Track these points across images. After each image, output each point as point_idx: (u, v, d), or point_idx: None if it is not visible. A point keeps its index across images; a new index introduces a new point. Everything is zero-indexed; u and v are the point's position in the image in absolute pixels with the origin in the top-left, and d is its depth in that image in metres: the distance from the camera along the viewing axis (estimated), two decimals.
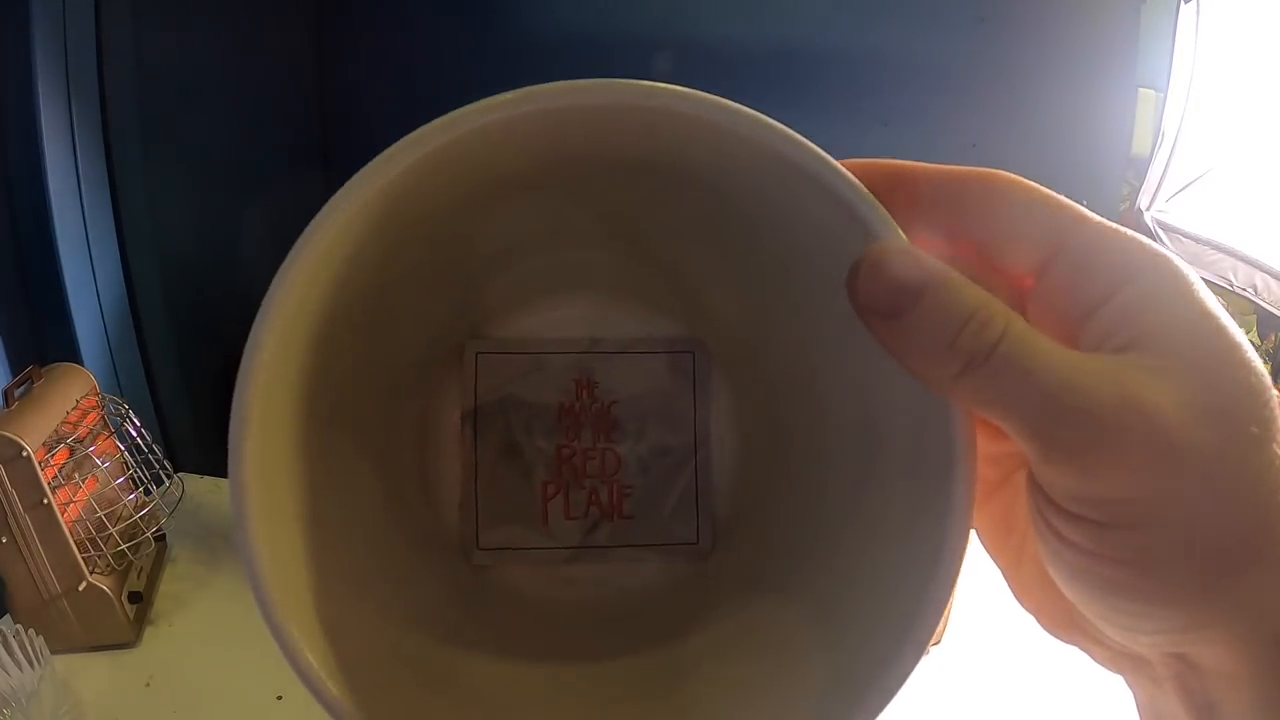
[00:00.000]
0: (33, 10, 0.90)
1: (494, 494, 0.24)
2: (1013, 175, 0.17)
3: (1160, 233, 1.32)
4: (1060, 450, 0.14)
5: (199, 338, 1.30)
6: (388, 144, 0.21)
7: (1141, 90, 1.52)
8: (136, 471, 0.71)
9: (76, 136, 0.98)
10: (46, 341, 0.97)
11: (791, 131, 0.18)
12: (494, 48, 1.65)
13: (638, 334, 0.24)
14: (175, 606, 0.70)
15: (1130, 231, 0.16)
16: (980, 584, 0.74)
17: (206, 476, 0.88)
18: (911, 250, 0.15)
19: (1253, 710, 0.14)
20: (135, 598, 0.67)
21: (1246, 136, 1.28)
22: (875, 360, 0.16)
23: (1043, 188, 0.17)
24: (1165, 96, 1.30)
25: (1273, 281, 1.21)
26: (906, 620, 0.16)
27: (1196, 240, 1.29)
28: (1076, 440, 0.13)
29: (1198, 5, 1.22)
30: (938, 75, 1.53)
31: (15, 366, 0.87)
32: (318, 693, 0.16)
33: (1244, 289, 1.24)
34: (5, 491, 0.58)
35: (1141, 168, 1.40)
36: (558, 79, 0.19)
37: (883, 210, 0.17)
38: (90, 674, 0.62)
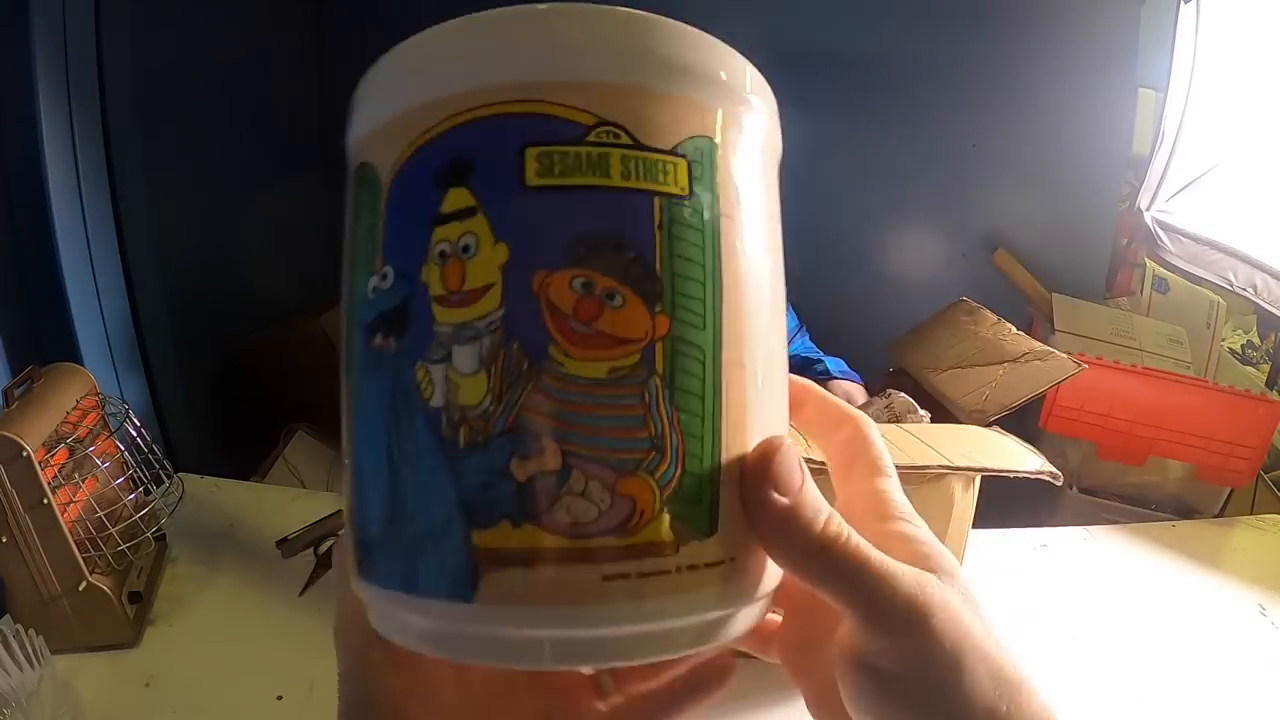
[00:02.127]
0: (33, 10, 0.90)
1: None
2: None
3: (1160, 233, 1.32)
4: (878, 618, 0.19)
5: (199, 338, 1.30)
6: None
7: (1141, 90, 1.52)
8: (136, 471, 0.71)
9: (76, 136, 0.98)
10: (46, 341, 0.97)
11: None
12: None
13: None
14: (175, 606, 0.70)
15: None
16: (982, 587, 0.74)
17: (206, 476, 0.88)
18: (800, 452, 0.20)
19: None
20: (135, 598, 0.67)
21: (1246, 136, 1.28)
22: None
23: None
24: (1165, 96, 1.30)
25: (1273, 281, 1.21)
26: None
27: (1196, 240, 1.29)
28: (892, 613, 0.19)
29: (1198, 5, 1.22)
30: (938, 75, 1.53)
31: (15, 366, 0.87)
32: None
33: (1244, 289, 1.24)
34: (5, 491, 0.58)
35: (1141, 168, 1.40)
36: None
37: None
38: (90, 674, 0.62)
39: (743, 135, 0.19)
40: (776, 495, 0.18)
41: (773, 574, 0.20)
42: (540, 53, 0.18)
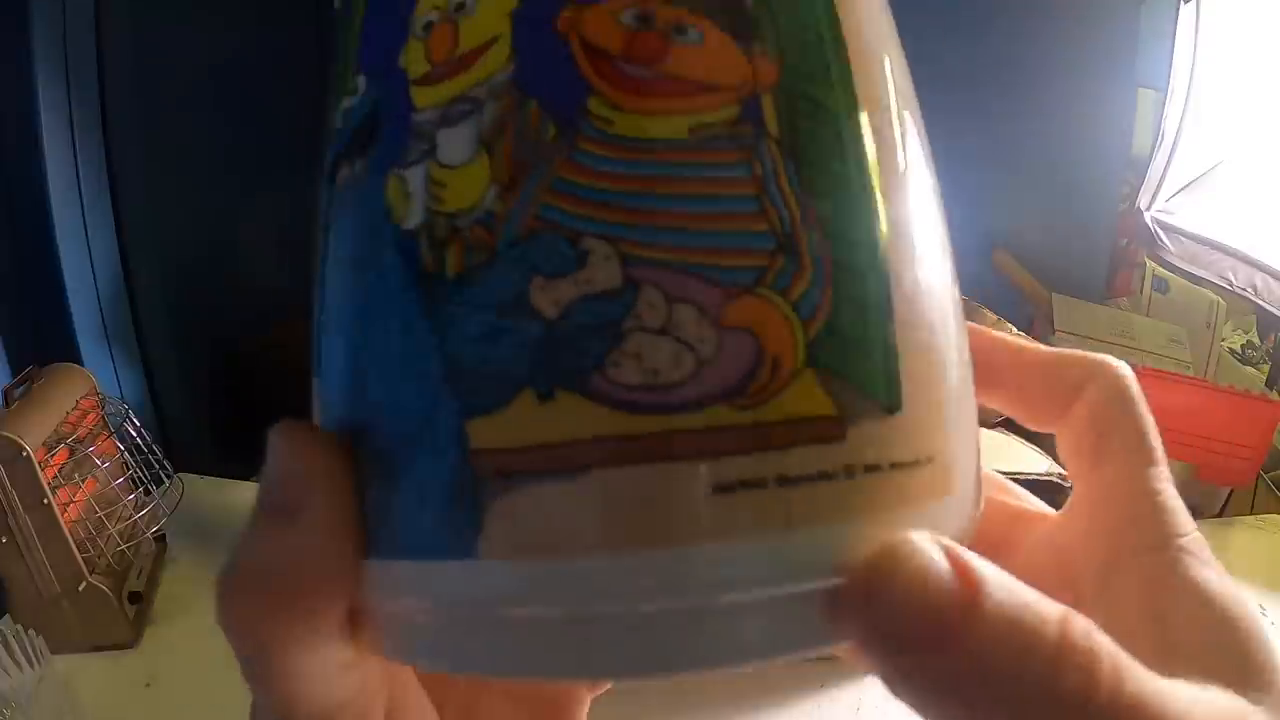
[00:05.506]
0: (33, 10, 0.90)
1: None
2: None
3: (1160, 233, 1.32)
4: None
5: (199, 338, 1.30)
6: None
7: (1141, 90, 1.51)
8: (136, 471, 0.71)
9: (76, 136, 0.98)
10: (46, 341, 0.97)
11: None
12: None
13: None
14: (175, 607, 0.70)
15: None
16: None
17: (206, 476, 0.88)
18: (946, 543, 0.10)
19: None
20: (135, 598, 0.67)
21: (1246, 136, 1.28)
22: None
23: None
24: (1165, 96, 1.30)
25: (1273, 281, 1.21)
26: None
27: (1196, 240, 1.29)
28: None
29: (1197, 5, 1.22)
30: (937, 75, 1.52)
31: (15, 366, 0.87)
32: None
33: (1244, 289, 1.24)
34: (5, 491, 0.58)
35: (1141, 168, 1.40)
36: None
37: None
38: (90, 674, 0.62)
39: None
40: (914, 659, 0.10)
41: (977, 494, 0.13)
42: None
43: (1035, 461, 0.59)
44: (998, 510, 0.16)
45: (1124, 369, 0.15)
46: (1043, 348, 0.16)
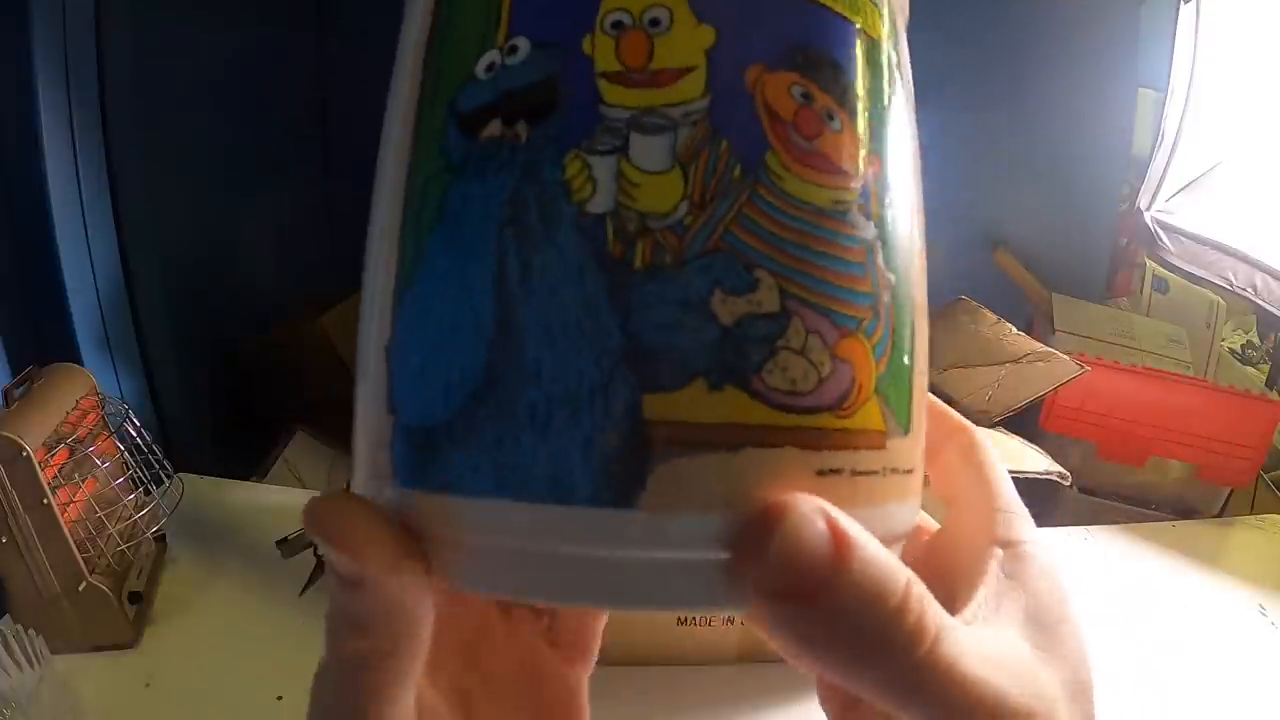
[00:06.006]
0: (33, 10, 0.90)
1: None
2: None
3: (1160, 233, 1.32)
4: None
5: (199, 338, 1.30)
6: None
7: (1141, 90, 1.52)
8: (136, 471, 0.71)
9: (76, 136, 0.98)
10: (46, 341, 0.97)
11: None
12: None
13: None
14: (175, 607, 0.70)
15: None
16: None
17: (206, 476, 0.88)
18: (827, 509, 0.12)
19: None
20: (135, 598, 0.67)
21: (1246, 136, 1.28)
22: None
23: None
24: (1165, 96, 1.30)
25: (1273, 281, 1.21)
26: None
27: (1196, 240, 1.29)
28: None
29: (1197, 5, 1.22)
30: (937, 75, 1.52)
31: (15, 366, 0.87)
32: None
33: (1244, 289, 1.24)
34: (5, 491, 0.58)
35: (1141, 168, 1.40)
36: None
37: None
38: (90, 674, 0.62)
39: (901, 24, 0.17)
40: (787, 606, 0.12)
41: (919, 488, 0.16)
42: None
43: (1035, 460, 0.59)
44: None
45: (974, 430, 0.19)
46: (938, 403, 0.19)
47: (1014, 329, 0.83)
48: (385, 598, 0.13)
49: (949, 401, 0.77)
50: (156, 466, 0.73)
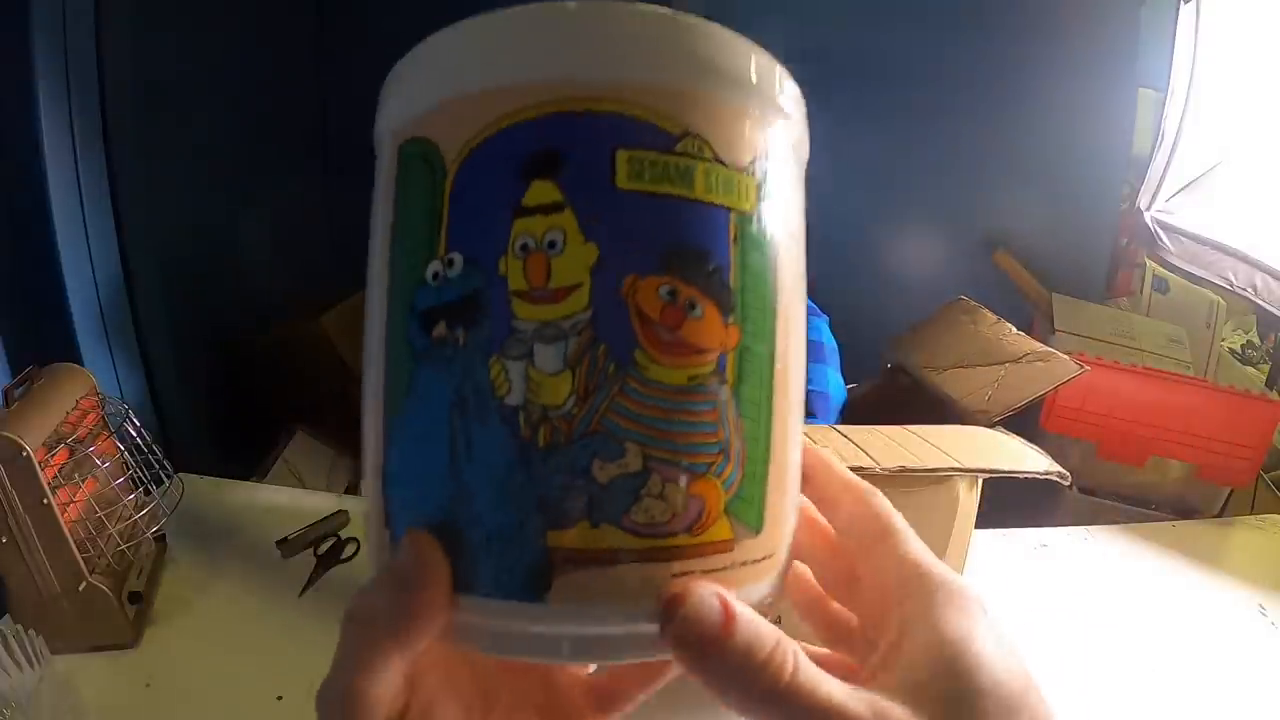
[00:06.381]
0: (33, 12, 0.90)
1: None
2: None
3: (1160, 233, 1.32)
4: None
5: (199, 337, 1.30)
6: None
7: (1141, 90, 1.52)
8: (136, 471, 0.71)
9: (76, 136, 0.98)
10: (46, 341, 0.97)
11: None
12: None
13: None
14: (175, 606, 0.70)
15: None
16: (982, 588, 0.74)
17: (206, 476, 0.88)
18: (718, 591, 0.18)
19: None
20: (135, 598, 0.67)
21: (1246, 136, 1.28)
22: None
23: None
24: (1165, 96, 1.30)
25: (1273, 281, 1.21)
26: None
27: (1196, 240, 1.29)
28: None
29: (1197, 5, 1.22)
30: (938, 75, 1.53)
31: (15, 366, 0.87)
32: None
33: (1244, 289, 1.24)
34: (5, 491, 0.58)
35: (1141, 168, 1.40)
36: None
37: None
38: (90, 674, 0.62)
39: (791, 151, 0.20)
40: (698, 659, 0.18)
41: (788, 561, 0.21)
42: (633, 51, 0.18)
43: (1035, 461, 0.59)
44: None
45: (868, 489, 0.23)
46: (838, 471, 0.24)
47: (1014, 329, 0.83)
48: (416, 605, 0.18)
49: (949, 401, 0.77)
50: (156, 466, 0.73)
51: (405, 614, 0.18)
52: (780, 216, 0.19)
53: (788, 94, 0.21)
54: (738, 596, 0.18)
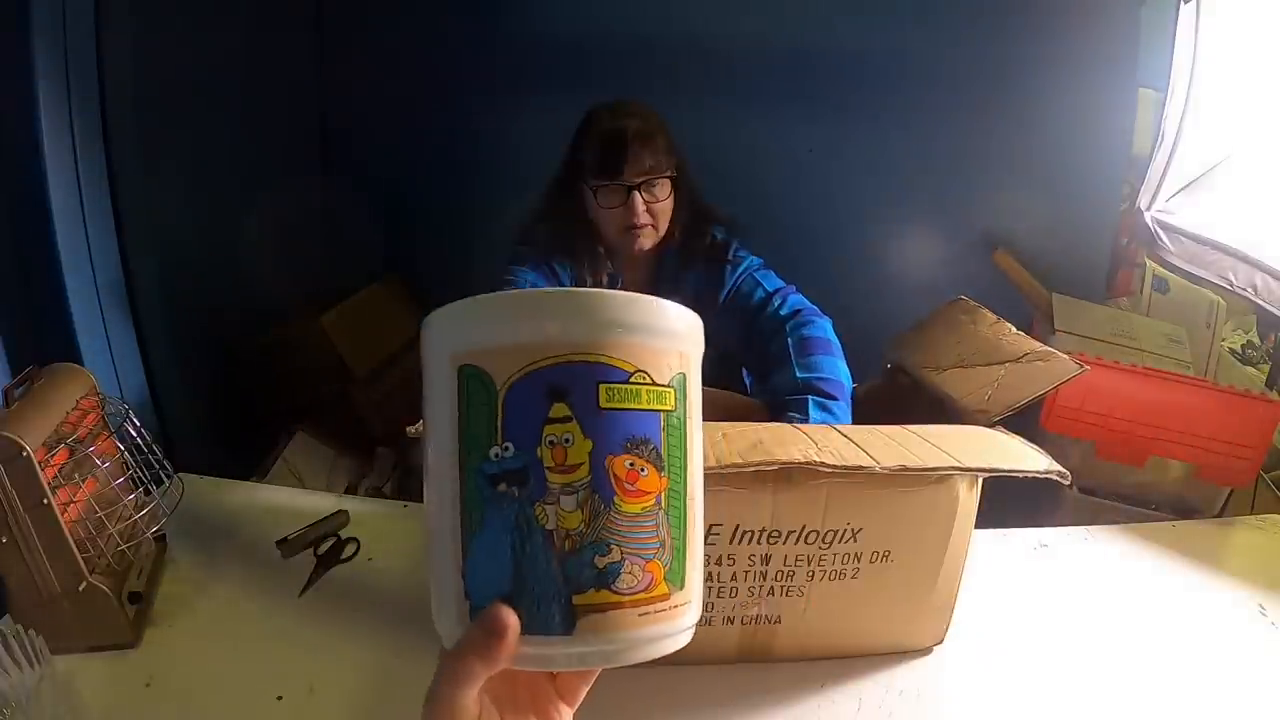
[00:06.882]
0: (33, 12, 0.90)
1: None
2: None
3: (1160, 233, 1.32)
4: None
5: (199, 337, 1.30)
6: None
7: (1141, 90, 1.52)
8: (136, 471, 0.71)
9: (76, 136, 0.98)
10: (46, 341, 0.97)
11: None
12: (493, 50, 1.65)
13: None
14: (175, 607, 0.70)
15: None
16: (982, 588, 0.74)
17: (206, 476, 0.88)
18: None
19: None
20: (135, 598, 0.67)
21: (1246, 136, 1.28)
22: None
23: None
24: (1165, 96, 1.30)
25: (1273, 281, 1.21)
26: None
27: (1196, 240, 1.29)
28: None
29: (1197, 5, 1.22)
30: (939, 75, 1.53)
31: (15, 366, 0.87)
32: None
33: (1244, 289, 1.24)
34: (5, 491, 0.58)
35: (1141, 168, 1.40)
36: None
37: None
38: (90, 674, 0.62)
39: (694, 365, 0.33)
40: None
41: (699, 609, 0.33)
42: (605, 322, 0.30)
43: (1035, 460, 0.59)
44: None
45: None
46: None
47: (1014, 329, 0.83)
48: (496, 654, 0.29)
49: (949, 401, 0.77)
50: (156, 466, 0.73)
51: (494, 647, 0.29)
52: (688, 405, 0.32)
53: (694, 332, 0.33)
54: (674, 625, 0.31)
